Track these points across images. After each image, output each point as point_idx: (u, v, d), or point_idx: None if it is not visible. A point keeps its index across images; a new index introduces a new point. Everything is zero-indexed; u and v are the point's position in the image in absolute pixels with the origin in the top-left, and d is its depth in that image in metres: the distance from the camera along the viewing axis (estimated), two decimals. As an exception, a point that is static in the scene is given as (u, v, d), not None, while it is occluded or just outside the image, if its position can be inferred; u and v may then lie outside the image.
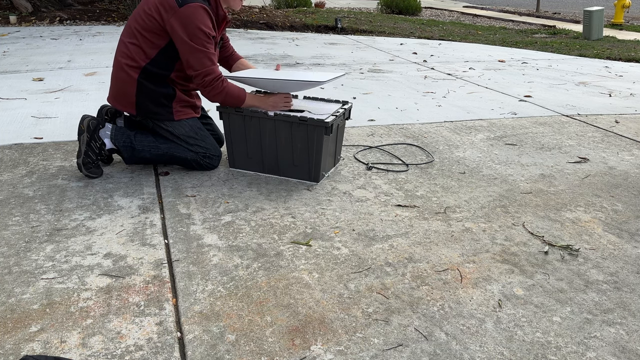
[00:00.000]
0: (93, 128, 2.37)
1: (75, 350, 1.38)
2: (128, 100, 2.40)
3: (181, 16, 2.25)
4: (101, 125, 2.40)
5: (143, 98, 2.38)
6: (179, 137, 2.46)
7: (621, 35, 9.42)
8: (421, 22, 10.46)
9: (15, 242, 1.89)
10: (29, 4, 8.64)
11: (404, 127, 3.37)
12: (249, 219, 2.10)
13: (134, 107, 2.40)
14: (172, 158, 2.49)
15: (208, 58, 2.31)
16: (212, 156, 2.53)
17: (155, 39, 2.32)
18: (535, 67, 5.74)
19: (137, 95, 2.37)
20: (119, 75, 2.38)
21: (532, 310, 1.60)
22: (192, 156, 2.49)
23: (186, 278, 1.70)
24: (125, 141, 2.42)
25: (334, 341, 1.44)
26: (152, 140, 2.46)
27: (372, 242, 1.97)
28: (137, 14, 2.36)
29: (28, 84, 4.13)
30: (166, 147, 2.47)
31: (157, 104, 2.40)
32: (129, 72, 2.35)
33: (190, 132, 2.48)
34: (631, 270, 1.84)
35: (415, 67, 5.46)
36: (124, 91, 2.39)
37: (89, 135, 2.36)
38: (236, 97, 2.39)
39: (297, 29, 8.49)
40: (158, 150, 2.46)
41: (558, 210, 2.29)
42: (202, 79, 2.32)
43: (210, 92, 2.35)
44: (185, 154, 2.48)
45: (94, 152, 2.39)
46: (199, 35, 2.27)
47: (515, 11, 13.87)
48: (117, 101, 2.44)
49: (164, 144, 2.47)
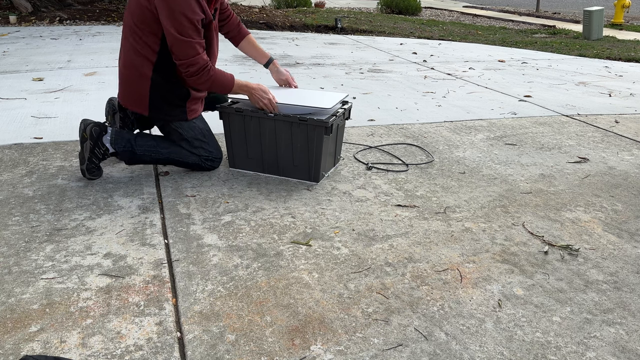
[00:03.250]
0: (96, 135, 2.34)
1: (75, 350, 1.38)
2: (141, 100, 2.35)
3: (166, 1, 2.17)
4: (104, 131, 2.36)
5: (157, 98, 2.34)
6: (186, 140, 2.44)
7: (621, 35, 9.42)
8: (421, 22, 10.46)
9: (15, 242, 1.89)
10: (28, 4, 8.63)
11: (404, 127, 3.37)
12: (249, 219, 2.10)
13: (146, 107, 2.36)
14: (173, 161, 2.47)
15: (192, 47, 2.23)
16: (214, 159, 2.52)
17: (154, 29, 2.25)
18: (535, 67, 5.74)
19: (150, 94, 2.33)
20: (129, 74, 2.33)
21: (532, 310, 1.60)
22: (194, 160, 2.48)
23: (186, 278, 1.70)
24: (126, 146, 2.38)
25: (333, 341, 1.44)
26: (153, 144, 2.43)
27: (372, 242, 1.97)
28: (130, 6, 2.29)
29: (28, 84, 4.13)
30: (167, 152, 2.44)
31: (171, 105, 2.38)
32: (141, 70, 2.30)
33: (199, 134, 2.45)
34: (631, 270, 1.84)
35: (415, 67, 5.46)
36: (137, 90, 2.34)
37: (92, 143, 2.33)
38: (221, 87, 2.34)
39: (297, 29, 8.49)
40: (159, 155, 2.43)
41: (558, 210, 2.29)
42: (186, 69, 2.26)
43: (195, 82, 2.30)
44: (187, 159, 2.46)
45: (98, 158, 2.36)
46: (184, 23, 2.19)
47: (515, 11, 13.87)
48: (127, 101, 2.39)
49: (165, 148, 2.44)
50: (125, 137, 2.39)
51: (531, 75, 5.25)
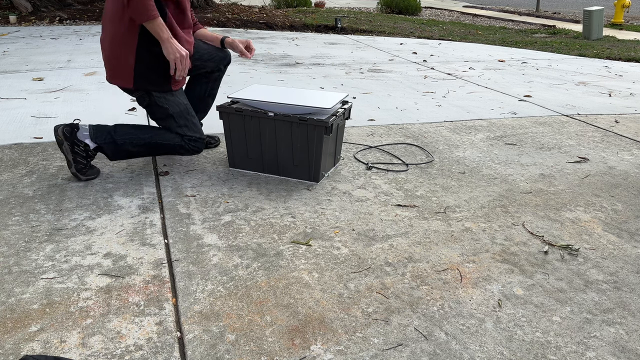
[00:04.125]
0: (70, 134, 2.32)
1: (75, 350, 1.38)
2: (127, 73, 2.30)
3: None
4: (76, 128, 2.34)
5: (142, 69, 2.29)
6: (172, 117, 2.39)
7: (621, 35, 9.42)
8: (421, 22, 10.47)
9: (15, 241, 1.89)
10: (28, 3, 8.64)
11: (404, 126, 3.37)
12: (249, 219, 2.10)
13: (131, 78, 2.31)
14: (156, 146, 2.42)
15: None
16: (198, 139, 2.46)
17: None
18: (535, 67, 5.74)
19: (136, 65, 2.28)
20: (114, 48, 2.27)
21: (532, 310, 1.60)
22: (177, 142, 2.42)
23: (186, 278, 1.70)
24: (106, 138, 2.36)
25: (333, 341, 1.44)
26: (133, 132, 2.39)
27: (372, 242, 1.97)
28: None
29: (28, 84, 4.13)
30: (148, 137, 2.40)
31: (156, 73, 2.32)
32: (125, 42, 2.25)
33: (185, 112, 2.42)
34: (631, 270, 1.84)
35: (415, 67, 5.46)
36: (122, 64, 2.29)
37: (69, 143, 2.32)
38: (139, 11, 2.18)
39: (297, 29, 8.49)
40: (141, 141, 2.39)
41: (558, 210, 2.29)
42: None
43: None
44: (170, 140, 2.41)
45: (82, 156, 2.34)
46: None
47: (515, 11, 13.87)
48: (114, 75, 2.34)
49: (146, 133, 2.40)
50: (104, 130, 2.37)
51: (531, 75, 5.25)
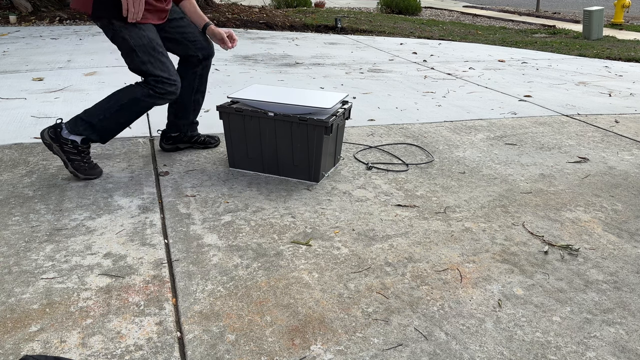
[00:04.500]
0: (55, 135, 2.31)
1: (75, 350, 1.38)
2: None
3: None
4: (59, 128, 2.32)
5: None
6: (134, 50, 2.24)
7: (621, 35, 9.42)
8: (421, 22, 10.47)
9: (15, 241, 1.89)
10: (28, 3, 8.63)
11: (404, 126, 3.37)
12: (249, 219, 2.10)
13: (90, 5, 2.20)
14: (126, 107, 2.32)
15: None
16: (166, 80, 2.28)
17: None
18: (535, 67, 5.74)
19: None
20: None
21: (532, 310, 1.60)
22: (141, 91, 2.30)
23: (186, 278, 1.70)
24: (82, 125, 2.32)
25: (333, 341, 1.44)
26: (99, 106, 2.32)
27: (372, 242, 1.97)
28: None
29: (28, 84, 4.13)
30: (114, 101, 2.31)
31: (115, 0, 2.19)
32: None
33: (149, 46, 2.26)
34: (631, 270, 1.84)
35: (415, 67, 5.46)
36: None
37: (58, 144, 2.31)
38: None
39: (297, 29, 8.49)
40: (111, 110, 2.31)
41: (558, 210, 2.29)
42: None
43: None
44: (133, 94, 2.30)
45: (74, 153, 2.34)
46: None
47: (515, 11, 13.87)
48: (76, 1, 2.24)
49: (111, 100, 2.32)
50: (77, 119, 2.33)
51: (531, 75, 5.25)
